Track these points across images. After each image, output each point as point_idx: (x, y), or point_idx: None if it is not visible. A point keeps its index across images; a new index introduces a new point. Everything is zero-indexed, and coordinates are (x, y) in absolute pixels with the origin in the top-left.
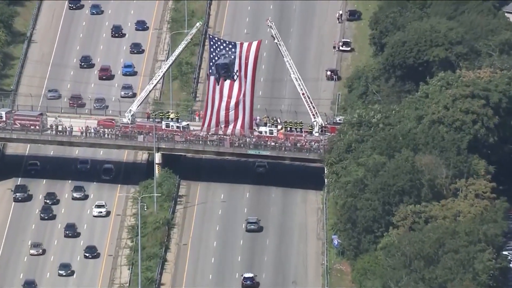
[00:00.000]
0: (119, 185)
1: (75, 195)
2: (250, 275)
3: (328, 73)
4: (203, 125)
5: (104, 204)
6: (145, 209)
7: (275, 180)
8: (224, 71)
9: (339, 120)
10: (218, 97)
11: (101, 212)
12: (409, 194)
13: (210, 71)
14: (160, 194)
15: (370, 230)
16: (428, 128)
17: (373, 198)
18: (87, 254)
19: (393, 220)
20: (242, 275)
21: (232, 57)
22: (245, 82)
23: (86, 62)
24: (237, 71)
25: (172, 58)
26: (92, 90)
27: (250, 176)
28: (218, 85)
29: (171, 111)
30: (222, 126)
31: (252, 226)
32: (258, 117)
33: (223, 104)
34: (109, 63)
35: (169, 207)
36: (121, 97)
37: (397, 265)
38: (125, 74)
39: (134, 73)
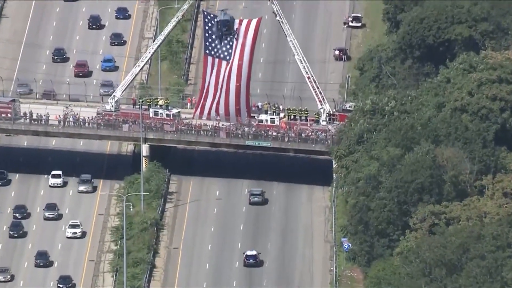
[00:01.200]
0: (101, 181)
1: (47, 214)
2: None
3: (336, 52)
4: (195, 111)
5: (79, 223)
6: (131, 209)
7: (277, 174)
8: (226, 29)
9: (349, 107)
10: (214, 80)
11: (76, 233)
12: (429, 193)
13: (207, 51)
14: (147, 193)
15: (385, 233)
16: (450, 117)
17: (388, 197)
18: (60, 286)
19: (411, 222)
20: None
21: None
22: (241, 63)
23: (60, 56)
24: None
25: (161, 37)
26: (66, 88)
27: (249, 170)
28: (215, 67)
29: (159, 97)
30: (215, 114)
31: (256, 198)
32: (259, 103)
33: (218, 87)
34: (86, 57)
35: (157, 205)
36: (100, 95)
37: (416, 273)
38: (104, 70)
39: (115, 68)
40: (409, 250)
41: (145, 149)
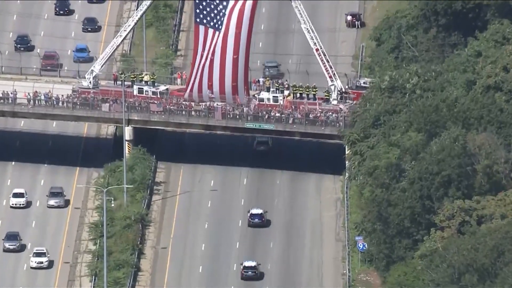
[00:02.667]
0: (77, 169)
1: (7, 245)
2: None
3: (349, 18)
4: (185, 90)
5: (45, 251)
6: (112, 203)
7: (281, 161)
8: None
9: (364, 83)
10: (206, 53)
11: (42, 262)
12: (458, 186)
13: (198, 20)
14: (131, 185)
15: (407, 232)
16: (481, 96)
17: (410, 190)
18: None
19: (436, 219)
20: None
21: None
22: (239, 33)
23: (23, 44)
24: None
25: (146, 2)
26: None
27: (248, 157)
28: (208, 38)
29: (145, 72)
30: (208, 92)
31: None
32: (260, 79)
33: (211, 61)
34: (54, 47)
35: (143, 198)
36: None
37: (442, 279)
38: (77, 61)
39: (90, 59)
40: (435, 253)
41: (128, 132)
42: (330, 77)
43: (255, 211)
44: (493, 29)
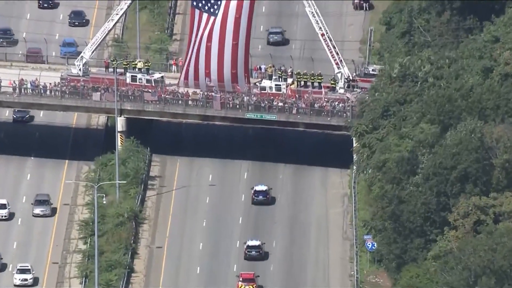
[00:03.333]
0: (66, 162)
1: None
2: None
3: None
4: (180, 77)
5: (29, 268)
6: (104, 199)
7: (285, 154)
8: None
9: (373, 70)
10: (206, 38)
11: (26, 280)
12: (474, 181)
13: (194, 3)
14: (124, 181)
15: (420, 231)
16: (498, 85)
17: (424, 186)
18: None
19: (450, 218)
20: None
21: None
22: (239, 17)
23: (6, 38)
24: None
25: None
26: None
27: (249, 149)
28: (202, 22)
29: (138, 59)
30: (206, 80)
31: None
32: (262, 66)
33: (208, 47)
34: (39, 43)
35: (136, 193)
36: (62, 79)
37: (457, 282)
38: (64, 56)
39: (78, 54)
40: (449, 253)
41: (120, 123)
42: (337, 64)
43: (259, 187)
44: (511, 12)
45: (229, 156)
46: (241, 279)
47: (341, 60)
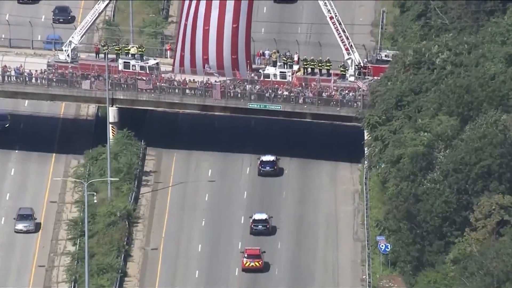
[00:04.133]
0: (53, 156)
1: None
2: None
3: None
4: (174, 63)
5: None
6: (94, 197)
7: (290, 147)
8: None
9: (386, 56)
10: (190, 22)
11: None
12: (498, 179)
13: None
14: (116, 179)
15: (438, 232)
16: None
17: (443, 183)
18: None
19: (472, 218)
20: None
21: None
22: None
23: None
24: None
25: None
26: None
27: (251, 142)
28: (199, 3)
29: (131, 43)
30: (207, 67)
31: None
32: (266, 51)
33: (205, 30)
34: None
35: (129, 190)
36: (49, 65)
37: None
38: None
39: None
40: (469, 257)
41: (112, 114)
42: (347, 49)
43: (266, 157)
44: None
45: (230, 149)
46: (246, 255)
47: (351, 45)
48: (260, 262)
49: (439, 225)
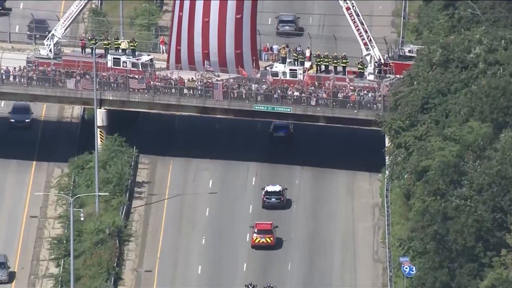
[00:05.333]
0: (33, 164)
1: None
2: None
3: None
4: (168, 58)
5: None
6: (82, 214)
7: (302, 155)
8: None
9: (409, 51)
10: (197, 11)
11: None
12: None
13: None
14: (106, 193)
15: (471, 254)
16: None
17: (477, 199)
18: None
19: (508, 239)
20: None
21: None
22: None
23: None
24: None
25: None
26: None
27: (258, 147)
28: None
29: (121, 37)
30: (207, 63)
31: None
32: (274, 46)
33: (206, 23)
34: None
35: (120, 204)
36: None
37: None
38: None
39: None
40: (506, 282)
41: (100, 117)
42: (365, 44)
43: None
44: None
45: (233, 157)
46: (256, 230)
47: (370, 40)
48: (271, 238)
49: (471, 247)
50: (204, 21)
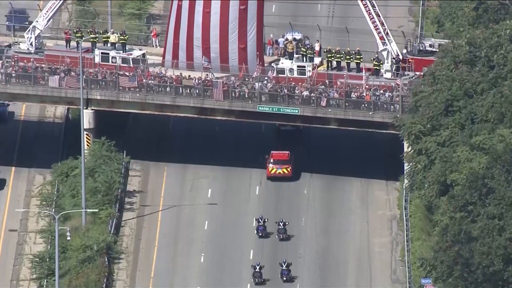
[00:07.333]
0: (12, 170)
1: None
2: None
3: None
4: (164, 55)
5: None
6: (68, 232)
7: (311, 161)
8: None
9: (431, 46)
10: (197, 2)
11: None
12: None
13: None
14: (96, 210)
15: (500, 279)
16: None
17: (505, 219)
18: None
19: None
20: None
21: None
22: None
23: None
24: None
25: None
26: None
27: (262, 154)
28: None
29: (111, 30)
30: (204, 59)
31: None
32: (280, 39)
33: (207, 15)
34: None
35: (109, 216)
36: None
37: None
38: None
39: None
40: None
41: (87, 118)
42: (382, 38)
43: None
44: None
45: (235, 164)
46: (272, 161)
47: (387, 33)
48: (288, 169)
49: (499, 270)
50: (204, 12)
